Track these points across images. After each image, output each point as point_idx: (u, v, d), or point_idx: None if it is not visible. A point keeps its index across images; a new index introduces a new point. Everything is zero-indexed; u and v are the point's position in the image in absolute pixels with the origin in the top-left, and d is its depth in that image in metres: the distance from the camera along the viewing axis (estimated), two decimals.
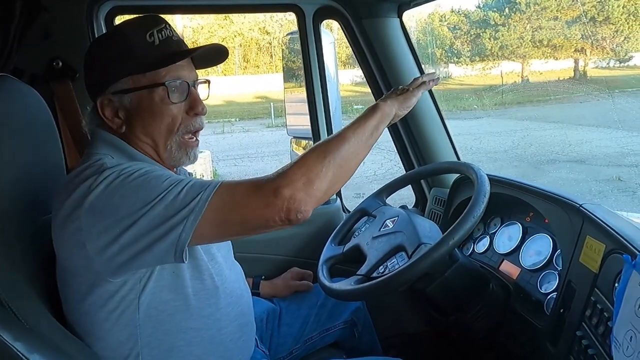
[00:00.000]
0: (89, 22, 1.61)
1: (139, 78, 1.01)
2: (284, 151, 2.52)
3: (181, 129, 1.05)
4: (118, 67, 1.01)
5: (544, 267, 1.31)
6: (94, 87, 1.04)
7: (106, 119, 1.03)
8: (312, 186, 0.94)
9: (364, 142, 1.05)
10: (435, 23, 25.33)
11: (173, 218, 0.89)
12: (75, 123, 1.56)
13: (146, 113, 1.02)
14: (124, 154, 1.03)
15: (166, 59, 1.02)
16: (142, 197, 0.90)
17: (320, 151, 0.99)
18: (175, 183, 0.92)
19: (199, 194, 0.90)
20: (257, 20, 24.84)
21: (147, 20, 1.04)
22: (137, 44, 1.01)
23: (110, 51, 1.02)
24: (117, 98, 1.02)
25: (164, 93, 1.02)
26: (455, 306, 1.32)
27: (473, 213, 1.14)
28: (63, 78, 1.55)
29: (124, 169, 0.94)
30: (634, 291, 0.83)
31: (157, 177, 0.93)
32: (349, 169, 1.03)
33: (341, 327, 1.53)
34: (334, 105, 1.95)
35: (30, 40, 1.45)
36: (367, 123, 1.07)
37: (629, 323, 0.83)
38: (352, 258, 1.40)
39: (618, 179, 7.09)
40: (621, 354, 0.84)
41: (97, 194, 0.91)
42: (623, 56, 22.04)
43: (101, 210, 0.91)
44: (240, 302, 1.18)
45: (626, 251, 0.94)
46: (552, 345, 1.14)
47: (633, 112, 9.59)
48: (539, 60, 22.69)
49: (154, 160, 1.07)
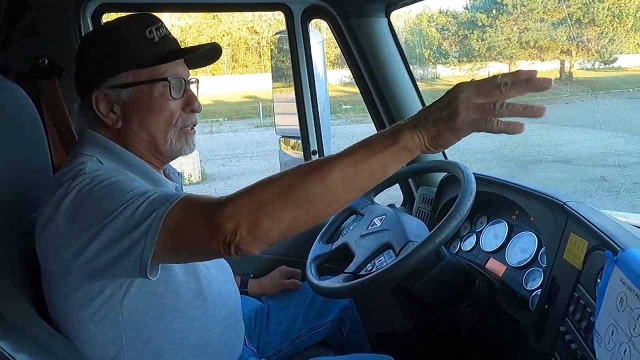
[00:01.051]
0: (75, 20, 1.60)
1: (140, 73, 1.01)
2: (273, 151, 2.53)
3: (179, 123, 1.06)
4: (117, 61, 1.00)
5: (529, 264, 1.33)
6: (88, 81, 1.02)
7: (100, 114, 1.01)
8: (258, 227, 0.79)
9: (356, 184, 0.81)
10: (423, 24, 25.47)
11: (132, 233, 0.85)
12: (62, 121, 1.55)
13: (145, 108, 1.02)
14: (111, 155, 1.02)
15: (169, 55, 1.02)
16: (106, 206, 0.87)
17: (285, 185, 0.80)
18: (138, 195, 0.87)
19: (155, 210, 0.84)
20: (246, 19, 24.77)
21: (144, 18, 1.04)
22: (137, 40, 1.00)
23: (107, 45, 1.01)
24: (115, 92, 1.01)
25: (164, 89, 1.02)
26: (442, 303, 1.33)
27: (459, 211, 1.16)
28: (49, 76, 1.54)
29: (96, 176, 0.92)
30: (615, 287, 0.85)
31: (123, 187, 0.90)
32: (320, 214, 0.83)
33: (329, 325, 1.53)
34: (322, 105, 1.96)
35: (16, 38, 1.44)
36: (370, 160, 0.79)
37: (611, 318, 0.85)
38: (340, 256, 1.41)
39: (603, 179, 7.20)
40: (603, 348, 0.86)
41: (71, 199, 0.90)
42: (608, 58, 22.36)
43: (74, 215, 0.89)
44: (227, 304, 1.18)
45: (608, 247, 0.95)
46: (536, 341, 1.16)
47: (617, 113, 9.73)
48: (525, 61, 22.91)
49: (150, 156, 1.07)
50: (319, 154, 1.95)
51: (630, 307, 0.80)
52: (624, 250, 0.86)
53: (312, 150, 1.94)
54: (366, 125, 3.00)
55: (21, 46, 1.49)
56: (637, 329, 0.78)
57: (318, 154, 1.95)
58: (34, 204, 1.16)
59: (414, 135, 0.79)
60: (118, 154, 1.03)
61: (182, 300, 1.05)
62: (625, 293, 0.82)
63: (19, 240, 1.06)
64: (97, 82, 1.01)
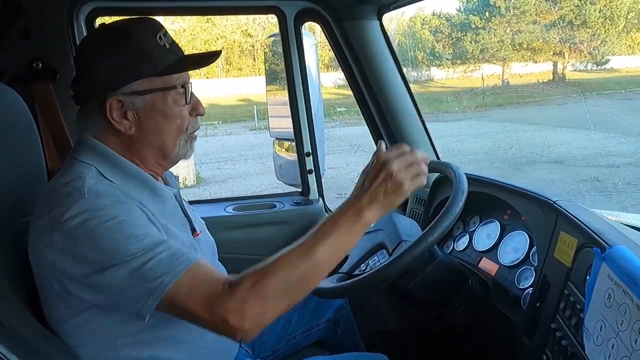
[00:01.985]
0: (69, 23, 1.60)
1: (154, 80, 1.01)
2: (268, 154, 2.54)
3: (189, 129, 1.08)
4: (135, 69, 1.00)
5: (521, 263, 1.35)
6: (99, 88, 1.00)
7: (114, 121, 1.01)
8: (260, 323, 0.88)
9: (332, 261, 0.95)
10: (417, 26, 25.54)
11: (135, 290, 0.88)
12: (56, 124, 1.55)
13: (159, 115, 1.02)
14: (110, 164, 1.01)
15: (183, 63, 1.04)
16: (112, 249, 0.89)
17: (285, 278, 0.89)
18: (146, 250, 0.89)
19: (161, 275, 0.88)
20: (240, 23, 24.80)
21: (151, 23, 1.04)
22: (152, 47, 1.01)
23: (125, 52, 1.00)
24: (130, 99, 1.00)
25: (177, 96, 1.03)
26: (435, 303, 1.34)
27: (451, 211, 1.17)
28: (43, 79, 1.54)
29: (99, 208, 0.91)
30: (603, 283, 0.86)
31: (129, 234, 0.90)
32: (306, 294, 0.95)
33: (324, 325, 1.54)
34: (315, 107, 1.97)
35: (10, 41, 1.44)
36: (341, 238, 0.94)
37: (599, 314, 0.86)
38: None
39: (596, 179, 7.25)
40: (592, 343, 0.87)
41: (72, 226, 0.89)
42: (600, 59, 22.52)
43: (76, 241, 0.89)
44: None
45: (597, 245, 0.97)
46: (528, 338, 1.17)
47: (609, 114, 9.81)
48: (519, 63, 23.06)
49: (153, 163, 1.07)
50: (312, 155, 1.96)
51: (617, 302, 0.81)
52: (611, 247, 0.88)
53: (305, 152, 1.95)
54: (360, 127, 3.01)
55: (15, 49, 1.49)
56: (624, 324, 0.79)
57: (312, 155, 1.96)
58: (28, 207, 1.16)
59: (373, 210, 0.95)
60: (117, 163, 1.02)
61: None
62: (612, 289, 0.83)
63: (14, 243, 1.06)
64: (112, 88, 1.00)
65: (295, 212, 1.84)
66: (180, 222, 1.11)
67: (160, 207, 1.05)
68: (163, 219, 1.02)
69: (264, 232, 1.85)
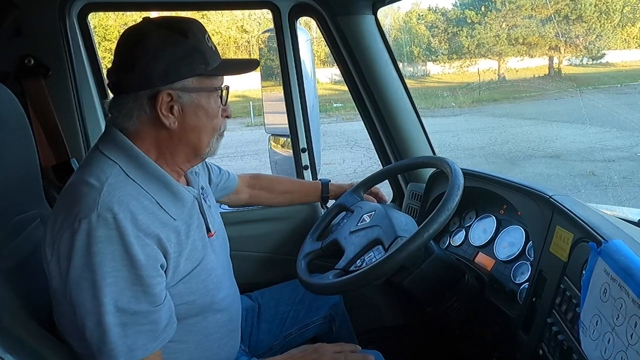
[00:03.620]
0: (61, 19, 1.59)
1: (204, 80, 1.05)
2: (264, 150, 2.54)
3: (222, 129, 1.12)
4: (189, 65, 1.02)
5: (517, 258, 1.35)
6: (152, 80, 1.00)
7: (161, 113, 1.02)
8: None
9: None
10: (412, 21, 25.51)
11: (93, 336, 0.93)
12: (49, 121, 1.54)
13: (203, 113, 1.05)
14: (135, 164, 1.01)
15: (228, 67, 1.10)
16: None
17: None
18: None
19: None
20: (235, 18, 24.69)
21: (198, 24, 1.06)
22: (205, 47, 1.04)
23: (181, 49, 1.01)
24: (180, 94, 1.02)
25: (217, 97, 1.08)
26: (431, 298, 1.34)
27: (447, 206, 1.17)
28: (35, 76, 1.53)
29: (102, 239, 0.92)
30: (599, 277, 0.86)
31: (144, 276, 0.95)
32: None
33: (320, 322, 1.54)
34: (311, 103, 1.96)
35: (1, 38, 1.43)
36: None
37: (595, 308, 0.86)
38: (331, 253, 1.42)
39: (592, 174, 7.27)
40: (588, 338, 0.87)
41: (86, 243, 0.90)
42: (596, 54, 22.55)
43: (84, 259, 0.91)
44: (231, 309, 1.20)
45: (592, 239, 0.97)
46: (524, 333, 1.17)
47: (605, 108, 9.83)
48: (514, 58, 23.07)
49: (183, 161, 1.10)
50: (308, 151, 1.96)
51: (613, 297, 0.81)
52: (607, 242, 0.87)
53: (301, 148, 1.95)
54: (356, 123, 3.01)
55: (6, 46, 1.48)
56: (620, 318, 0.79)
57: (307, 151, 1.95)
58: (21, 205, 1.15)
59: None
60: (141, 163, 1.02)
61: (184, 314, 1.06)
62: (608, 283, 0.83)
63: (7, 241, 1.06)
64: (166, 81, 1.00)
65: (291, 208, 1.83)
66: (197, 223, 1.12)
67: (179, 210, 1.06)
68: (181, 221, 1.05)
69: (259, 229, 1.84)
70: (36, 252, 1.14)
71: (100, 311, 0.90)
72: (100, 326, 0.91)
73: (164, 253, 0.98)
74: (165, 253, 0.99)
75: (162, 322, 0.97)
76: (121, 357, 0.92)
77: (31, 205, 1.21)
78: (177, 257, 1.02)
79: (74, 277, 0.90)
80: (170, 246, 1.00)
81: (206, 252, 1.11)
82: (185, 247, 1.04)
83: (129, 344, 0.93)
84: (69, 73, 1.63)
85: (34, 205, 1.22)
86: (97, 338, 0.92)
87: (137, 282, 0.93)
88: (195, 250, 1.07)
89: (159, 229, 0.98)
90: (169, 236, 1.00)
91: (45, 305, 1.06)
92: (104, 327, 0.91)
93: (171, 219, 1.02)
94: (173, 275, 1.02)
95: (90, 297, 0.90)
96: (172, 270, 1.01)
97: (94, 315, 0.91)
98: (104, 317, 0.90)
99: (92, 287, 0.90)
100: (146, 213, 0.97)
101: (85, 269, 0.90)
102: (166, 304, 0.99)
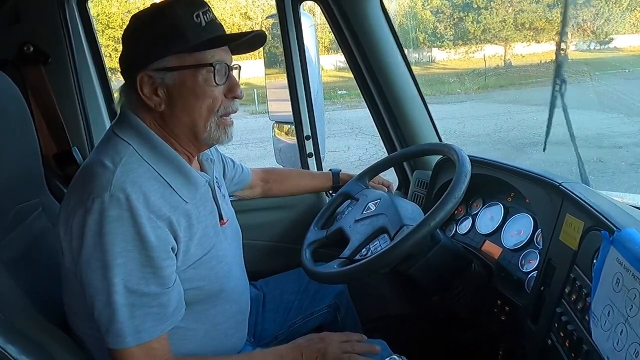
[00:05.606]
0: (60, 6, 1.57)
1: (185, 57, 1.01)
2: (268, 138, 2.52)
3: (220, 110, 1.06)
4: (165, 45, 0.99)
5: (525, 246, 1.33)
6: (134, 63, 1.01)
7: (144, 96, 1.01)
8: None
9: None
10: (417, 7, 25.25)
11: (102, 316, 0.94)
12: (49, 109, 1.53)
13: (189, 92, 1.02)
14: (148, 146, 1.02)
15: (216, 41, 1.02)
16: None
17: None
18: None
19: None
20: (239, 5, 24.49)
21: (192, 1, 1.03)
22: (186, 24, 1.00)
23: (158, 28, 1.00)
24: (160, 75, 1.00)
25: (208, 74, 1.02)
26: (437, 287, 1.32)
27: (454, 194, 1.14)
28: (35, 63, 1.51)
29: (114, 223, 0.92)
30: (611, 267, 0.83)
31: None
32: None
33: (325, 311, 1.53)
34: (315, 90, 1.93)
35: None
36: None
37: (607, 298, 0.84)
38: (335, 241, 1.40)
39: (599, 161, 7.21)
40: (599, 328, 0.85)
41: (96, 226, 0.91)
42: (603, 38, 22.24)
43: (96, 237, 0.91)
44: (240, 300, 1.19)
45: (604, 228, 0.94)
46: (532, 322, 1.15)
47: (612, 94, 9.72)
48: (521, 44, 22.79)
49: (187, 142, 1.07)
50: (312, 139, 1.93)
51: (626, 287, 0.79)
52: (620, 230, 0.85)
53: (305, 135, 1.92)
54: (361, 110, 2.98)
55: (5, 33, 1.46)
56: (634, 309, 0.77)
57: (311, 139, 1.93)
58: (23, 194, 1.14)
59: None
60: (155, 145, 1.02)
61: (193, 300, 1.06)
62: (621, 273, 0.81)
63: (8, 231, 1.05)
64: (143, 63, 1.00)
65: (296, 196, 1.82)
66: (209, 209, 1.12)
67: (192, 193, 1.05)
68: (192, 204, 1.04)
69: (263, 217, 1.83)
70: (37, 242, 1.14)
71: (110, 291, 0.90)
72: (109, 306, 0.91)
73: (174, 236, 0.98)
74: (175, 236, 0.99)
75: (170, 306, 0.97)
76: (128, 337, 0.92)
77: (32, 194, 1.20)
78: (188, 241, 1.02)
79: (85, 256, 0.91)
80: (180, 230, 0.99)
81: (218, 240, 1.10)
82: (196, 231, 1.04)
83: (137, 325, 0.93)
84: (69, 60, 1.61)
85: (35, 194, 1.21)
86: (106, 318, 0.92)
87: (147, 264, 0.93)
88: (207, 236, 1.07)
89: (170, 212, 0.97)
90: (179, 220, 1.00)
91: (46, 296, 1.05)
92: (113, 306, 0.91)
93: (182, 201, 1.01)
94: (183, 260, 1.01)
95: (100, 277, 0.90)
96: (182, 255, 1.01)
97: (103, 295, 0.91)
98: (113, 297, 0.90)
99: (102, 266, 0.90)
100: (158, 195, 0.97)
101: (96, 248, 0.90)
102: (175, 288, 0.98)
